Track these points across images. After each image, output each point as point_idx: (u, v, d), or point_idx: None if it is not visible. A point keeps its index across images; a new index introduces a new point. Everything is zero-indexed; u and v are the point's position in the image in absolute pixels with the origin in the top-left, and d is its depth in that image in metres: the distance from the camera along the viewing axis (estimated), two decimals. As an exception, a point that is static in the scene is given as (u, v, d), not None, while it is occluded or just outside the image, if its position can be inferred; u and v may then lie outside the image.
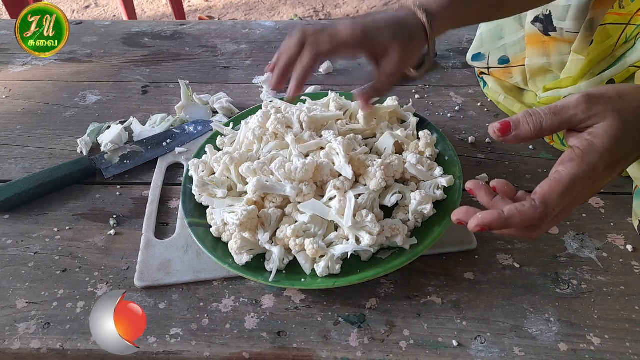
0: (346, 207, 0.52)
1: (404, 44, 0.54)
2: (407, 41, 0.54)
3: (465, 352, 0.48)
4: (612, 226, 0.60)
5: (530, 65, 0.74)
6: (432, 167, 0.60)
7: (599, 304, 0.52)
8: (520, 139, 0.42)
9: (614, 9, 0.61)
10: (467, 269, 0.56)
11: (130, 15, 2.28)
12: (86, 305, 0.53)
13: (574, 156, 0.40)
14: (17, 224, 0.63)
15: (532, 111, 0.41)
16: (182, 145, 0.73)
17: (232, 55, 0.97)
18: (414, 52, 0.56)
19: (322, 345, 0.50)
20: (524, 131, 0.41)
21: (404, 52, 0.54)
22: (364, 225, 0.52)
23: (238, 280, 0.55)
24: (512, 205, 0.40)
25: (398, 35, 0.54)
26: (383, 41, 0.54)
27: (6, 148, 0.75)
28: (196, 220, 0.59)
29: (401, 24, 0.54)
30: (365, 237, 0.51)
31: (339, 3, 2.81)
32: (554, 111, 0.41)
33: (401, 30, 0.54)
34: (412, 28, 0.54)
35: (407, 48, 0.54)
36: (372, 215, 0.51)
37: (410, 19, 0.55)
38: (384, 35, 0.54)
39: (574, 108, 0.40)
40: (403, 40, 0.54)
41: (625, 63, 0.60)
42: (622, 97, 0.41)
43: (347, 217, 0.51)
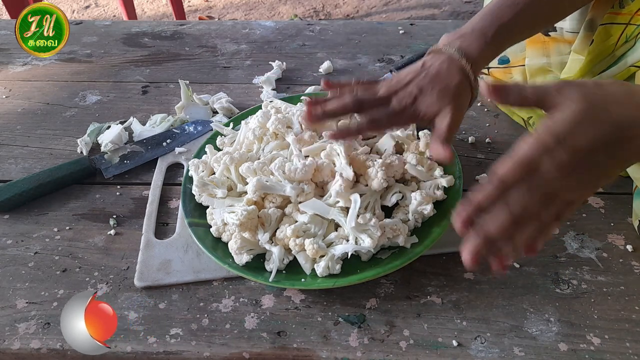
0: (351, 207, 0.52)
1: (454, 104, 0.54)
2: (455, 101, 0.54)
3: (465, 352, 0.49)
4: (612, 226, 0.60)
5: (530, 65, 0.74)
6: (432, 167, 0.60)
7: (599, 304, 0.52)
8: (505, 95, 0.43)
9: (614, 8, 0.61)
10: (467, 269, 0.56)
11: (130, 15, 2.28)
12: (86, 305, 0.53)
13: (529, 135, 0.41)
14: (17, 224, 0.63)
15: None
16: (182, 145, 0.73)
17: (232, 55, 0.97)
18: (464, 106, 0.56)
19: (322, 345, 0.50)
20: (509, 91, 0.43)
21: (455, 110, 0.54)
22: (366, 228, 0.52)
23: (238, 280, 0.55)
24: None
25: (447, 99, 0.54)
26: (434, 110, 0.54)
27: (6, 148, 0.75)
28: (196, 220, 0.59)
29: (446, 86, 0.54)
30: (366, 240, 0.51)
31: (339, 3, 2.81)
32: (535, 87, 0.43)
33: (448, 93, 0.54)
34: (457, 85, 0.54)
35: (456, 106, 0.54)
36: (375, 220, 0.51)
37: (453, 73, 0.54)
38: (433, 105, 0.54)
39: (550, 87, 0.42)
40: (453, 102, 0.54)
41: (625, 63, 0.60)
42: (600, 86, 0.42)
43: (351, 218, 0.51)
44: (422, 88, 0.54)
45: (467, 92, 0.56)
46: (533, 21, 0.60)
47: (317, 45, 0.99)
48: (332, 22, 1.10)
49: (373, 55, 0.96)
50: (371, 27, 1.06)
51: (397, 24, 1.07)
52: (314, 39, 1.02)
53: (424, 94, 0.54)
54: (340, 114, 0.56)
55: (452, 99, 0.54)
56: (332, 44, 1.00)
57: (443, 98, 0.54)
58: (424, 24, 1.07)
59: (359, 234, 0.51)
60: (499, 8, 0.58)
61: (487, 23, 0.57)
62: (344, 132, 0.55)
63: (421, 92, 0.54)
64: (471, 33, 0.56)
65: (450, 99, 0.54)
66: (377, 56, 0.95)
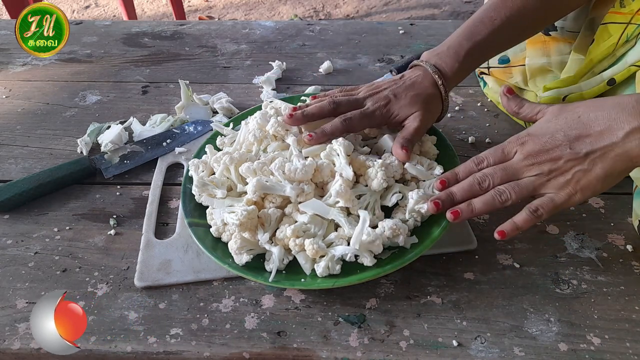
0: (358, 226, 0.52)
1: (424, 110, 0.60)
2: (425, 107, 0.60)
3: (465, 352, 0.48)
4: (612, 226, 0.60)
5: (530, 65, 0.74)
6: (432, 167, 0.60)
7: (599, 304, 0.52)
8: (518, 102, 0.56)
9: (615, 8, 0.61)
10: (467, 269, 0.56)
11: (130, 15, 2.28)
12: (86, 305, 0.53)
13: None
14: (17, 224, 0.63)
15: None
16: (182, 145, 0.73)
17: (232, 55, 0.97)
18: (433, 113, 0.62)
19: (322, 345, 0.50)
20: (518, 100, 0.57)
21: (425, 115, 0.60)
22: (370, 247, 0.52)
23: (238, 280, 0.55)
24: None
25: (418, 104, 0.60)
26: (404, 114, 0.60)
27: (6, 148, 0.75)
28: (196, 220, 0.59)
29: (418, 94, 0.61)
30: (367, 259, 0.51)
31: (339, 3, 2.81)
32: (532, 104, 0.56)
33: (419, 100, 0.60)
34: (429, 94, 0.61)
35: (426, 111, 0.60)
36: (379, 241, 0.51)
37: (426, 85, 0.61)
38: (404, 109, 0.60)
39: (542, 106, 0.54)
40: (423, 107, 0.60)
41: (625, 62, 0.60)
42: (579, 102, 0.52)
43: (356, 239, 0.51)
44: (396, 94, 0.61)
45: (438, 104, 0.62)
46: (509, 37, 0.65)
47: (317, 45, 0.99)
48: (332, 22, 1.10)
49: (373, 55, 0.96)
50: (371, 27, 1.06)
51: (397, 24, 1.07)
52: (314, 39, 1.02)
53: (397, 98, 0.60)
54: (319, 116, 0.60)
55: (422, 106, 0.60)
56: (332, 44, 1.00)
57: (415, 103, 0.60)
58: (424, 24, 1.07)
59: (362, 252, 0.51)
60: (474, 25, 0.63)
61: (462, 40, 0.62)
62: (319, 134, 0.59)
63: (395, 96, 0.60)
64: (447, 51, 0.63)
65: (421, 105, 0.60)
66: (377, 56, 0.95)
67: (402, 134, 0.58)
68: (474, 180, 0.52)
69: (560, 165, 0.49)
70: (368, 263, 0.51)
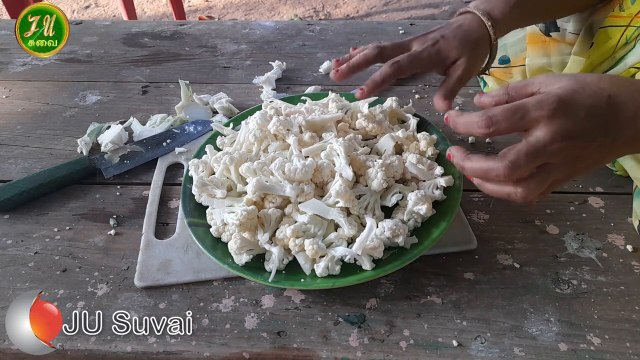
0: (364, 232, 0.52)
1: (471, 54, 0.58)
2: (473, 50, 0.58)
3: (465, 352, 0.49)
4: (612, 226, 0.60)
5: (530, 65, 0.74)
6: (433, 167, 0.60)
7: (599, 304, 0.52)
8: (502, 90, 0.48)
9: (614, 11, 0.61)
10: (467, 269, 0.56)
11: (130, 15, 2.28)
12: (86, 305, 0.53)
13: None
14: (17, 224, 0.63)
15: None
16: (182, 145, 0.73)
17: (232, 55, 0.97)
18: (480, 59, 0.60)
19: (322, 345, 0.50)
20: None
21: (471, 60, 0.58)
22: (371, 253, 0.52)
23: (238, 280, 0.55)
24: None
25: (466, 47, 0.58)
26: (453, 55, 0.58)
27: (6, 148, 0.75)
28: (196, 220, 0.59)
29: (467, 35, 0.58)
30: (367, 263, 0.51)
31: (339, 3, 2.81)
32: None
33: (468, 42, 0.58)
34: (477, 37, 0.58)
35: (473, 56, 0.58)
36: (382, 248, 0.51)
37: (475, 27, 0.58)
38: (453, 50, 0.58)
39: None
40: (471, 50, 0.58)
41: (625, 64, 0.60)
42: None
43: (360, 244, 0.51)
44: (444, 35, 0.58)
45: (486, 47, 0.59)
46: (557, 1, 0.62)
47: (317, 45, 0.99)
48: (332, 22, 1.10)
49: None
50: (371, 27, 1.06)
51: (397, 24, 1.07)
52: (314, 39, 1.02)
53: (445, 39, 0.58)
54: (365, 65, 0.58)
55: (470, 48, 0.57)
56: (332, 44, 1.00)
57: (463, 45, 0.57)
58: (424, 24, 1.07)
59: (362, 256, 0.51)
60: None
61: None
62: (370, 85, 0.57)
63: (443, 37, 0.58)
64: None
65: (469, 47, 0.57)
66: (377, 56, 0.95)
67: (445, 84, 0.57)
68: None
69: (589, 153, 0.44)
70: (367, 267, 0.51)
